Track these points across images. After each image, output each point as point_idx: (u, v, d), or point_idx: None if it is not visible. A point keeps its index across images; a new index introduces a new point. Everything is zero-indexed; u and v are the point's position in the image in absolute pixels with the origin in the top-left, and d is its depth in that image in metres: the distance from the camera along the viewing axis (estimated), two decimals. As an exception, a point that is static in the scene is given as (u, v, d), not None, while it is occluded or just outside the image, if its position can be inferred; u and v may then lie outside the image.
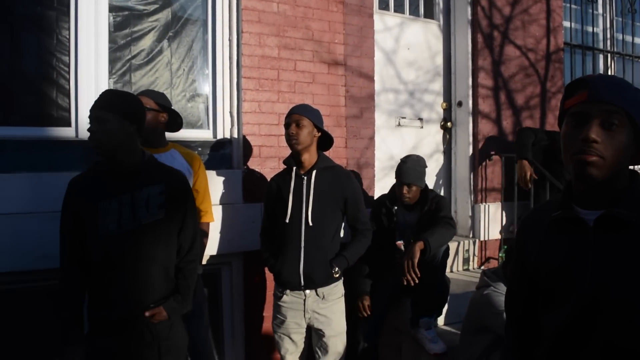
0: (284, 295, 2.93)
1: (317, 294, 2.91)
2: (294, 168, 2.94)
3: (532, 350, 1.45)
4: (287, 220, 2.89)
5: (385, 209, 3.47)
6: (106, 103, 2.17)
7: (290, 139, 2.87)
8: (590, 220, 1.29)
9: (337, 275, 2.95)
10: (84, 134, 3.14)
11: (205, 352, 3.02)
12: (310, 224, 2.86)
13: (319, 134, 2.96)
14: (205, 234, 3.01)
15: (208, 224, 3.04)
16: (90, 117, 2.14)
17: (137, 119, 2.22)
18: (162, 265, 2.23)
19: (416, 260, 3.00)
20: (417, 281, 3.01)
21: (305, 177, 2.92)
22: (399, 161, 3.47)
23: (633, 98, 1.26)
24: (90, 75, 3.18)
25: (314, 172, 2.91)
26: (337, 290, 2.99)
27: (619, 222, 1.25)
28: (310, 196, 2.88)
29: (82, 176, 2.28)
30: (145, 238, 2.18)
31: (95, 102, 2.17)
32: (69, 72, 3.16)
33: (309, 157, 2.93)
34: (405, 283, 3.02)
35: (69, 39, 3.15)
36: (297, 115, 2.88)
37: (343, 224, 3.13)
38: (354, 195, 3.00)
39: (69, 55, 3.15)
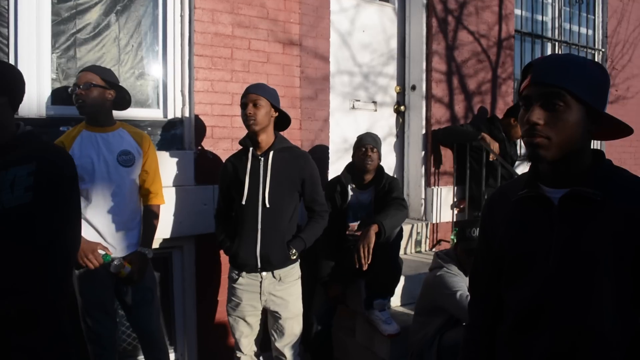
0: (240, 278, 2.89)
1: (274, 276, 2.88)
2: (251, 149, 2.88)
3: (495, 327, 1.47)
4: (244, 202, 2.83)
5: (340, 187, 3.45)
6: None
7: (248, 119, 2.80)
8: (555, 198, 1.32)
9: (295, 257, 2.92)
10: (25, 111, 2.98)
11: (156, 338, 2.94)
12: (268, 205, 2.81)
13: (277, 114, 2.91)
14: (155, 217, 2.92)
15: (159, 206, 2.95)
16: None
17: (9, 90, 1.93)
18: (24, 254, 1.85)
19: (372, 246, 3.00)
20: (367, 266, 3.01)
21: (262, 158, 2.86)
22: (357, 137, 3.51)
23: (576, 75, 1.25)
24: (31, 50, 3.00)
25: (271, 153, 2.86)
26: (293, 272, 2.97)
27: (583, 200, 1.27)
28: (267, 177, 2.83)
29: None
30: (6, 224, 1.84)
31: None
32: (7, 46, 2.97)
33: (266, 138, 2.88)
34: (357, 266, 3.02)
35: (7, 9, 2.95)
36: (255, 95, 2.81)
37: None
38: (311, 176, 2.97)
39: (7, 27, 2.96)
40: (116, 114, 2.91)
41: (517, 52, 5.35)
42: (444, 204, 4.66)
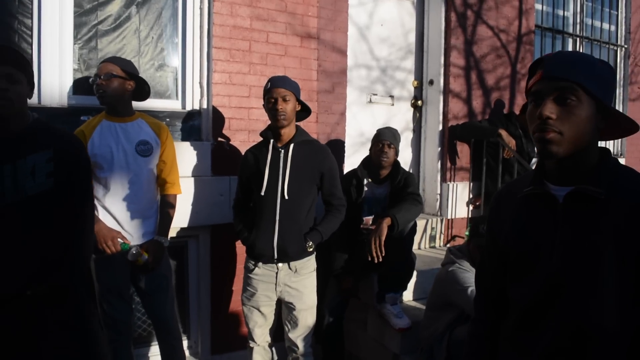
0: (256, 268, 2.92)
1: (290, 267, 2.91)
2: (272, 140, 2.90)
3: (499, 323, 1.49)
4: (263, 193, 2.85)
5: (356, 181, 3.46)
6: (17, 61, 1.97)
7: (278, 114, 2.80)
8: (560, 196, 1.32)
9: (311, 249, 2.95)
10: (47, 100, 3.05)
11: (170, 324, 3.00)
12: (286, 197, 2.83)
13: (300, 106, 2.93)
14: (172, 206, 2.96)
15: (175, 196, 3.00)
16: None
17: (30, 77, 2.03)
18: (49, 238, 1.97)
19: (384, 238, 3.01)
20: (381, 259, 3.02)
21: (282, 150, 2.88)
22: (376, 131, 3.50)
23: (588, 71, 1.26)
24: (54, 40, 3.07)
25: (291, 146, 2.87)
26: (309, 265, 3.00)
27: (588, 198, 1.27)
28: (287, 169, 2.85)
29: None
30: (31, 210, 1.94)
31: (2, 57, 1.94)
32: (31, 36, 3.04)
33: (289, 131, 2.90)
34: (370, 259, 3.04)
35: (31, 1, 3.02)
36: (284, 90, 2.81)
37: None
38: (330, 170, 2.99)
39: (31, 18, 3.03)
40: (135, 104, 2.97)
41: (537, 47, 5.30)
42: (459, 199, 4.65)
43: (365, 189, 3.47)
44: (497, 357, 1.50)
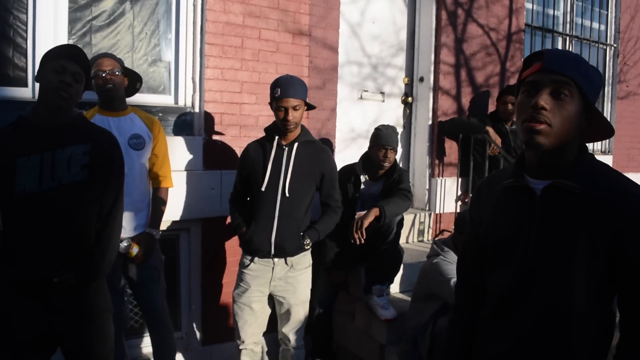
0: (252, 264, 2.93)
1: (286, 263, 2.94)
2: (277, 137, 2.91)
3: (478, 310, 1.54)
4: (264, 189, 2.87)
5: (354, 177, 3.51)
6: (84, 62, 2.12)
7: (289, 125, 2.82)
8: (538, 189, 1.37)
9: (308, 247, 2.99)
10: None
11: (161, 316, 3.06)
12: (287, 194, 2.85)
13: (306, 107, 2.94)
14: (164, 200, 3.03)
15: (167, 189, 3.06)
16: (61, 68, 2.04)
17: (90, 84, 2.21)
18: (80, 228, 2.13)
19: (366, 222, 3.10)
20: (362, 241, 3.10)
21: (286, 148, 2.90)
22: (377, 128, 3.52)
23: (584, 72, 1.31)
24: (48, 35, 3.11)
25: (295, 144, 2.90)
26: (305, 260, 3.03)
27: (564, 191, 1.33)
28: (289, 167, 2.87)
29: (1, 131, 2.12)
30: (64, 199, 2.07)
31: (69, 54, 2.08)
32: (26, 31, 3.08)
33: (295, 130, 2.92)
34: (352, 241, 3.11)
35: (26, -4, 3.07)
36: (294, 100, 2.79)
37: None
38: (331, 171, 3.03)
39: (26, 13, 3.07)
40: (130, 99, 3.03)
41: (527, 46, 5.37)
42: (447, 194, 4.73)
43: (362, 186, 3.54)
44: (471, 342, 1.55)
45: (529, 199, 1.38)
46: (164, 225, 3.14)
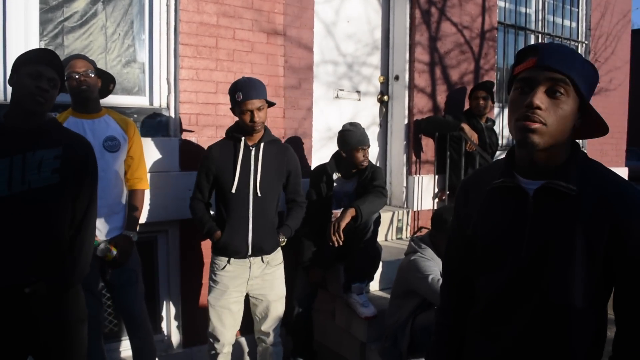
0: (228, 264, 2.93)
1: (262, 261, 2.97)
2: (243, 139, 2.91)
3: (466, 312, 1.50)
4: (234, 191, 2.87)
5: (326, 177, 3.53)
6: (59, 67, 2.12)
7: (255, 126, 2.84)
8: (531, 190, 1.32)
9: (283, 244, 3.05)
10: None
11: (139, 319, 3.03)
12: (259, 194, 2.88)
13: (267, 105, 2.95)
14: (140, 201, 3.00)
15: (143, 191, 3.04)
16: (37, 73, 2.02)
17: (64, 87, 2.20)
18: (52, 233, 2.10)
19: (343, 224, 3.14)
20: (341, 243, 3.14)
21: (253, 149, 2.92)
22: (345, 129, 3.52)
23: (580, 68, 1.25)
24: (19, 37, 3.06)
25: (262, 145, 2.93)
26: (278, 256, 3.08)
27: (558, 193, 1.28)
28: (258, 167, 2.89)
29: None
30: (35, 203, 2.05)
31: (45, 60, 2.06)
32: (-5, 33, 3.04)
33: (260, 131, 2.95)
34: (330, 244, 3.15)
35: (-5, -3, 3.02)
36: (258, 101, 2.83)
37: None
38: (296, 169, 3.08)
39: (-5, 15, 3.03)
40: (104, 101, 3.00)
41: (500, 43, 5.45)
42: (425, 192, 4.78)
43: (335, 184, 3.56)
44: (463, 345, 1.50)
45: (520, 199, 1.34)
46: (141, 228, 3.11)
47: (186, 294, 3.66)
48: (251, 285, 2.99)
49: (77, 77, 2.77)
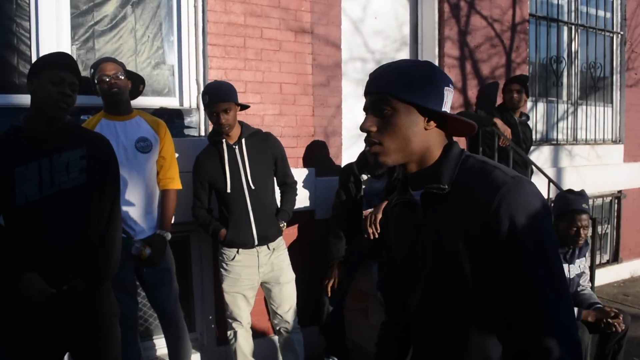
0: (237, 255, 3.08)
1: (269, 248, 3.11)
2: (224, 140, 3.02)
3: (406, 324, 1.50)
4: (229, 190, 3.01)
5: (354, 177, 3.51)
6: (77, 71, 2.14)
7: (223, 127, 2.94)
8: (418, 200, 1.33)
9: (284, 228, 3.21)
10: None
11: (174, 317, 3.07)
12: (253, 187, 3.01)
13: (238, 107, 3.04)
14: (172, 201, 3.03)
15: (175, 191, 3.06)
16: (59, 79, 2.06)
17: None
18: (83, 232, 2.14)
19: (379, 215, 3.14)
20: (377, 235, 3.14)
21: (236, 146, 3.03)
22: None
23: (399, 79, 1.25)
24: (51, 41, 3.13)
25: (243, 140, 3.04)
26: (282, 243, 3.25)
27: (436, 197, 1.28)
28: (246, 161, 3.02)
29: None
30: (66, 204, 2.09)
31: (65, 64, 2.10)
32: (29, 38, 3.10)
33: (235, 129, 3.04)
34: (365, 236, 3.17)
35: (28, 3, 3.09)
36: (223, 104, 2.91)
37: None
38: (281, 153, 3.20)
39: (29, 21, 3.10)
40: (135, 102, 3.04)
41: (532, 36, 5.33)
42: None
43: (363, 185, 3.53)
44: (405, 356, 1.55)
45: (414, 212, 1.35)
46: (174, 227, 3.14)
47: (220, 292, 3.66)
48: (262, 273, 3.12)
49: (107, 80, 2.81)
